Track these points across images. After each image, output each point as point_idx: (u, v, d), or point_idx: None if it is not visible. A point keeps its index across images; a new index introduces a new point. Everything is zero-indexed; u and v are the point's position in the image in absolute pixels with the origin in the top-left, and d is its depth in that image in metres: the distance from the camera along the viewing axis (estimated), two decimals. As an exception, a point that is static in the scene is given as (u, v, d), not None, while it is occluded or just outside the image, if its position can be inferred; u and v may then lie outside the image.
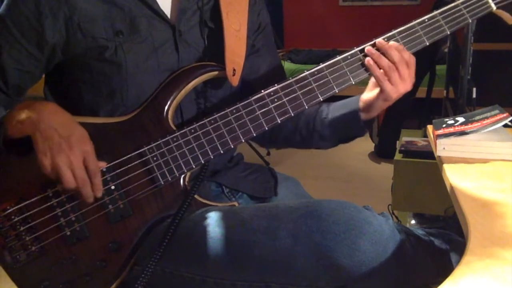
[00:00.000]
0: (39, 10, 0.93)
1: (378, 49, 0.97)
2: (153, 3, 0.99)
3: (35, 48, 0.96)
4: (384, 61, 0.96)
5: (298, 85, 0.97)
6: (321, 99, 0.98)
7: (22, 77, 0.98)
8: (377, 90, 1.00)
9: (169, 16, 1.01)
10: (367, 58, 0.97)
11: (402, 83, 0.97)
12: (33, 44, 0.95)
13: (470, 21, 1.01)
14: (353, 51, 0.98)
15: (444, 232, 0.95)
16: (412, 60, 0.98)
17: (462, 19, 1.00)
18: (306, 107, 0.97)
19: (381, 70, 0.96)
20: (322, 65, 0.97)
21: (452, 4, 1.00)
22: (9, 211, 0.91)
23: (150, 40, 0.98)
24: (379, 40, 0.97)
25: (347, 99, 1.09)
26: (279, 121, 0.97)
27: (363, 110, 1.05)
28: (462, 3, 1.00)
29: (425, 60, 3.50)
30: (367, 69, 0.98)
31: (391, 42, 0.97)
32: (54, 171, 0.87)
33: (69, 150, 0.87)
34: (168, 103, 0.97)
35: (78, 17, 0.94)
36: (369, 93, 1.04)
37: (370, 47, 0.97)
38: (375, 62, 0.96)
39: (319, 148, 1.16)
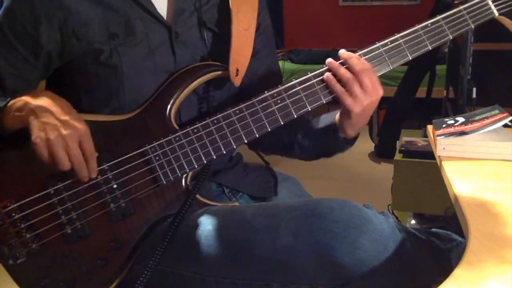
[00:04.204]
0: (34, 17, 0.93)
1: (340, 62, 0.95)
2: (149, 5, 0.98)
3: (30, 54, 0.96)
4: (342, 71, 0.94)
5: (301, 87, 0.96)
6: (324, 101, 0.97)
7: (18, 83, 0.98)
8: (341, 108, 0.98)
9: (165, 17, 1.01)
10: (326, 73, 0.95)
11: (364, 94, 0.93)
12: (28, 50, 0.96)
13: (473, 26, 1.01)
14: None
15: (444, 232, 0.95)
16: (369, 67, 0.94)
17: (465, 24, 1.00)
18: (309, 109, 0.97)
19: (342, 87, 0.94)
20: (325, 67, 0.97)
21: (455, 10, 1.00)
22: (9, 208, 0.91)
23: (145, 42, 0.98)
24: (340, 52, 0.95)
25: (331, 113, 1.06)
26: (282, 123, 0.96)
27: (340, 129, 1.02)
28: (465, 8, 1.00)
29: (425, 60, 3.50)
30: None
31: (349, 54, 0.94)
32: (48, 153, 0.86)
33: (65, 131, 0.86)
34: (171, 102, 0.97)
35: (73, 22, 0.94)
36: (338, 112, 1.02)
37: (331, 59, 0.95)
38: (336, 75, 0.94)
39: (301, 159, 1.14)
